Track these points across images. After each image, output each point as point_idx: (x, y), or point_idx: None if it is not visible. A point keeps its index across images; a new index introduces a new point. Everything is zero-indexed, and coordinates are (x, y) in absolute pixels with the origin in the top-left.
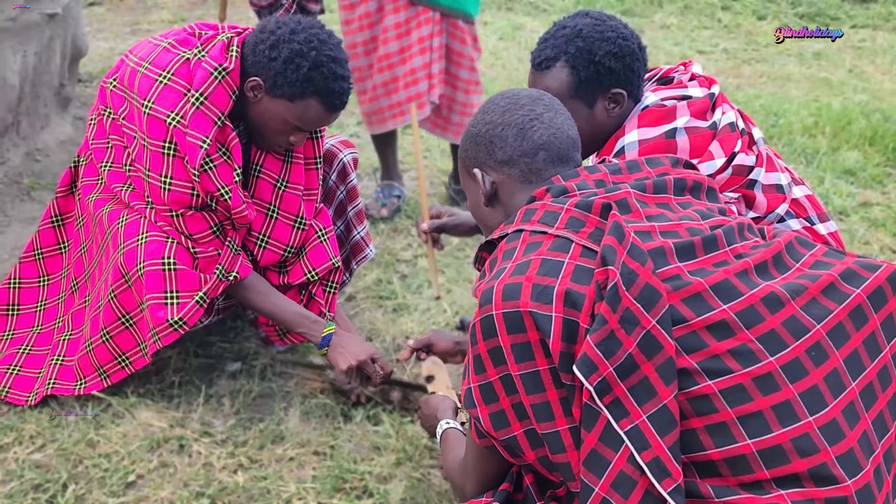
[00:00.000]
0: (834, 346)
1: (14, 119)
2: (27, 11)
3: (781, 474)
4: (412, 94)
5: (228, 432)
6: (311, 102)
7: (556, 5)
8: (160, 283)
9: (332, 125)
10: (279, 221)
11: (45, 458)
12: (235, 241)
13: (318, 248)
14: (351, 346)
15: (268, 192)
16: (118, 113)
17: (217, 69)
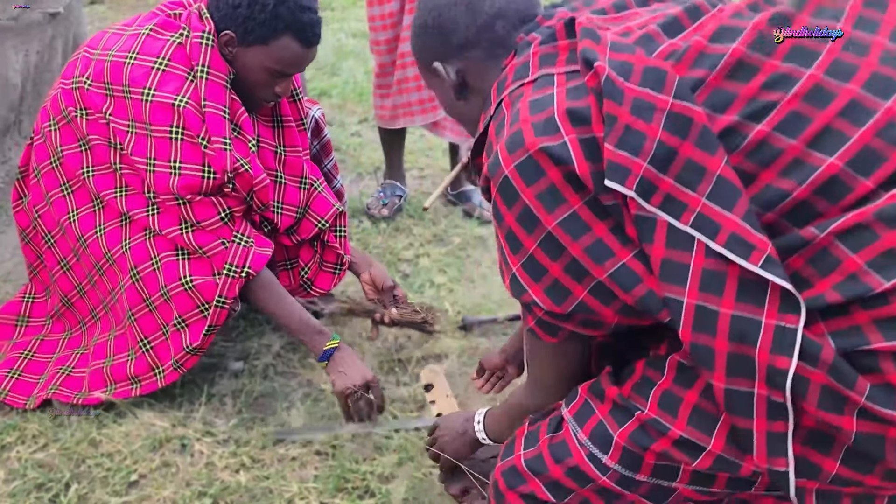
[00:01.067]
0: (868, 31)
1: (16, 118)
2: (29, 11)
3: (884, 176)
4: (424, 97)
5: (230, 432)
6: (285, 40)
7: None
8: (189, 302)
9: (333, 123)
10: (288, 186)
11: (48, 458)
12: (245, 232)
13: (319, 197)
14: (349, 368)
15: (271, 160)
16: (103, 110)
17: (203, 35)
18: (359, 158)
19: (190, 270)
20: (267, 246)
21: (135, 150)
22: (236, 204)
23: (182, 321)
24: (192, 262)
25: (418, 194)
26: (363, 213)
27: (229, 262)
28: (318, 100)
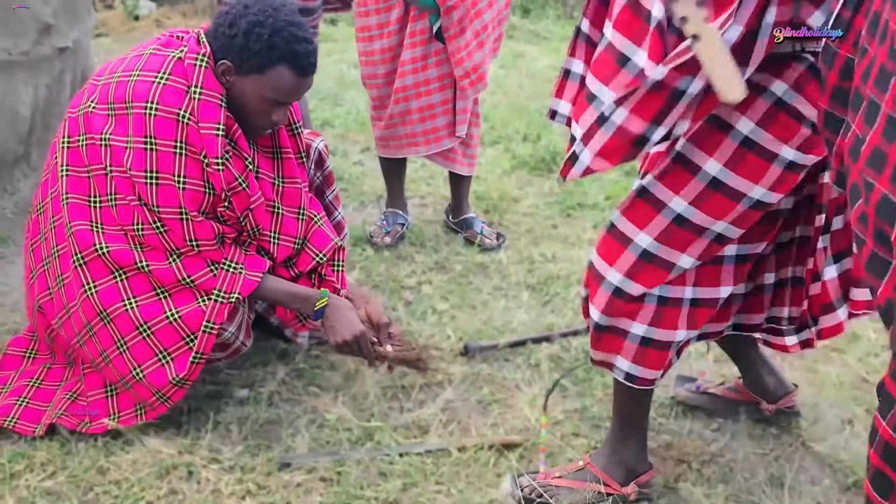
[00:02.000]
0: None
1: (25, 150)
2: (39, 46)
3: None
4: (428, 129)
5: (236, 459)
6: (280, 70)
7: (557, 33)
8: (175, 336)
9: (335, 153)
10: (285, 217)
11: (57, 486)
12: (234, 258)
13: (318, 231)
14: (339, 323)
15: (269, 191)
16: (103, 130)
17: (198, 57)
18: (361, 187)
19: (174, 304)
20: (258, 270)
21: (133, 164)
22: (230, 231)
23: (167, 354)
24: (174, 296)
25: (420, 222)
26: (366, 241)
27: (218, 288)
28: (320, 130)
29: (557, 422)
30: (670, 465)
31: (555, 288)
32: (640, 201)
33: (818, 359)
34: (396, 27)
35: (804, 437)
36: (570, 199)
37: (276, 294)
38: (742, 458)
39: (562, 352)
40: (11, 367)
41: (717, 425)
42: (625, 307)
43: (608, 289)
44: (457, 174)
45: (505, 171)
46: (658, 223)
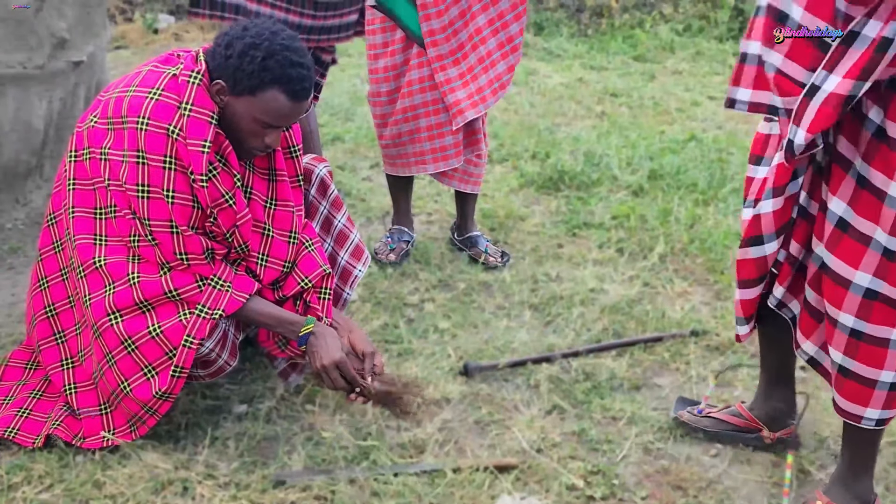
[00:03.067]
0: None
1: (38, 162)
2: (54, 60)
3: None
4: (436, 147)
5: (232, 475)
6: (272, 93)
7: (570, 51)
8: (158, 350)
9: (345, 168)
10: (275, 239)
11: (53, 499)
12: (223, 276)
13: (307, 256)
14: (321, 349)
15: (260, 212)
16: (102, 145)
17: (192, 74)
18: (369, 203)
19: (157, 318)
20: (245, 290)
21: (127, 178)
22: (219, 248)
23: (152, 369)
24: (157, 310)
25: (426, 240)
26: (371, 257)
27: (202, 304)
28: (331, 145)
29: (554, 444)
30: (667, 490)
31: (557, 308)
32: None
33: (820, 385)
34: (400, 46)
35: (804, 464)
36: (577, 218)
37: (261, 316)
38: (741, 486)
39: (562, 373)
40: (13, 377)
41: (715, 451)
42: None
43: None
44: (462, 192)
45: (512, 189)
46: None
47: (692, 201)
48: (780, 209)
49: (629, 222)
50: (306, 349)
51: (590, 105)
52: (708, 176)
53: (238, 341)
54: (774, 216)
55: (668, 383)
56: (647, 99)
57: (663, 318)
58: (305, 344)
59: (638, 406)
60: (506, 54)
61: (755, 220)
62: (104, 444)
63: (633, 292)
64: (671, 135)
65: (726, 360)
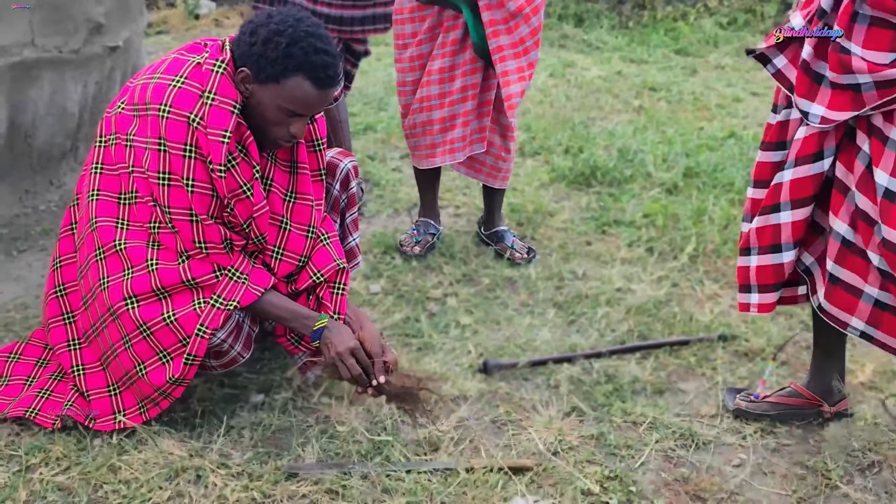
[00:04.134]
0: None
1: (72, 145)
2: (90, 44)
3: None
4: (447, 139)
5: (245, 465)
6: (297, 80)
7: (610, 43)
8: (172, 337)
9: (375, 157)
10: (292, 233)
11: (69, 481)
12: (240, 267)
13: (322, 250)
14: (335, 338)
15: (279, 205)
16: (128, 132)
17: (217, 63)
18: (397, 194)
19: (173, 306)
20: (261, 284)
21: (150, 165)
22: (238, 238)
23: (167, 354)
24: (173, 298)
25: (452, 232)
26: (395, 249)
27: (217, 294)
28: (363, 134)
29: (572, 447)
30: (685, 500)
31: (582, 307)
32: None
33: (852, 396)
34: (427, 36)
35: (833, 478)
36: (607, 215)
37: (276, 309)
38: (762, 498)
39: (583, 374)
40: (33, 354)
41: (738, 461)
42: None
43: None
44: (489, 187)
45: (543, 184)
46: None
47: (728, 201)
48: (802, 179)
49: (661, 221)
50: (320, 343)
51: (627, 99)
52: (746, 175)
53: (255, 333)
54: (793, 185)
55: (692, 389)
56: (687, 94)
57: (691, 321)
58: (319, 339)
59: (660, 411)
60: (527, 49)
61: (776, 188)
62: (116, 426)
63: (661, 293)
64: (710, 131)
65: (755, 367)
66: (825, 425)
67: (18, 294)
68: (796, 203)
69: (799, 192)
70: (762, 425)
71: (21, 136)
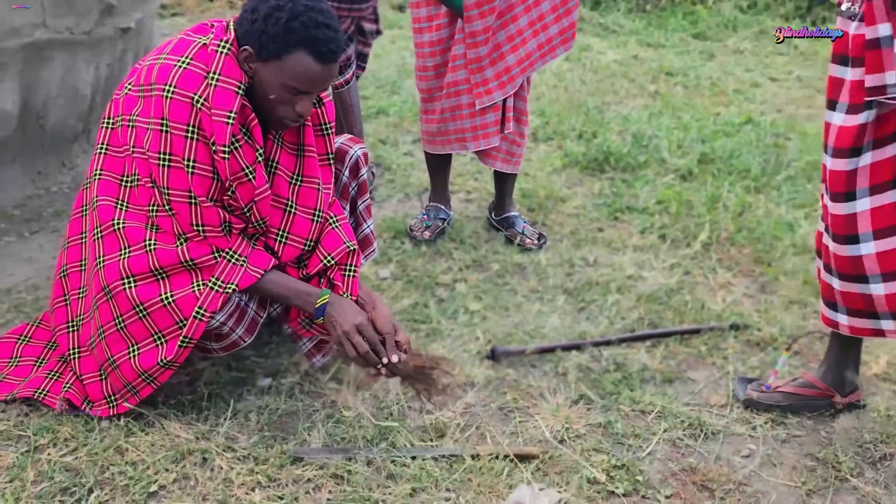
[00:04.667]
0: None
1: (84, 127)
2: (101, 26)
3: None
4: (477, 125)
5: (251, 449)
6: (298, 55)
7: (627, 26)
8: (169, 319)
9: (387, 142)
10: (297, 216)
11: (76, 462)
12: (238, 249)
13: (331, 233)
14: (340, 316)
15: (284, 188)
16: (132, 113)
17: (221, 43)
18: (408, 179)
19: (171, 287)
20: (261, 265)
21: (151, 145)
22: (237, 221)
23: (162, 336)
24: (171, 279)
25: (462, 217)
26: (405, 234)
27: (216, 277)
28: (375, 118)
29: (579, 435)
30: (692, 490)
31: (592, 294)
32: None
33: (865, 388)
34: (446, 20)
35: (843, 470)
36: (619, 201)
37: (277, 288)
38: (771, 490)
39: (592, 362)
40: (42, 337)
41: (747, 451)
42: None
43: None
44: (502, 173)
45: (555, 169)
46: None
47: (743, 188)
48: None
49: (674, 208)
50: (325, 321)
51: (643, 84)
52: (762, 162)
53: (261, 319)
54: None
55: (702, 378)
56: (704, 79)
57: (703, 309)
58: (323, 316)
59: (669, 400)
60: (536, 32)
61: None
62: (111, 411)
63: (673, 281)
64: (726, 117)
65: (767, 357)
66: (837, 417)
67: (30, 275)
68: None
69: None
70: (772, 416)
71: (33, 118)
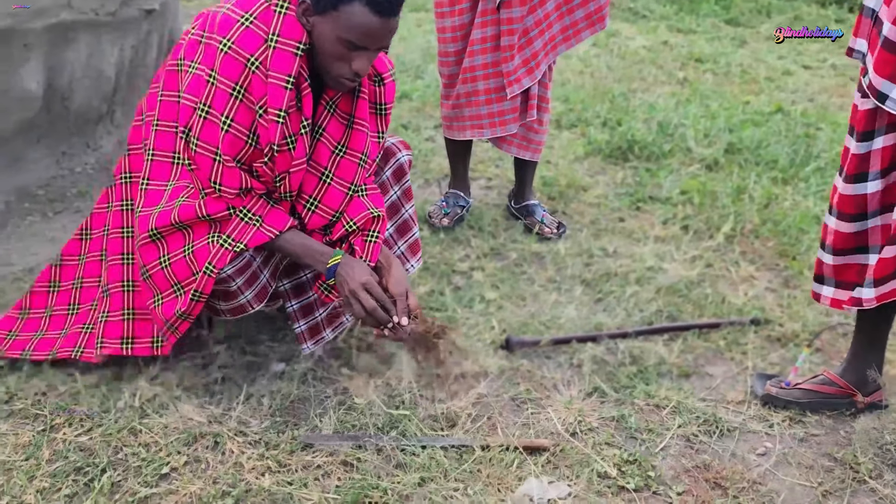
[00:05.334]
0: None
1: (108, 108)
2: (126, 7)
3: None
4: (493, 111)
5: (262, 434)
6: (355, 6)
7: (657, 11)
8: (187, 270)
9: (409, 126)
10: (332, 187)
11: (90, 442)
12: (253, 208)
13: (356, 201)
14: (348, 274)
15: (325, 157)
16: (194, 59)
17: (279, 4)
18: (428, 164)
19: (194, 237)
20: (277, 226)
21: (191, 89)
22: (259, 187)
23: (181, 287)
24: (194, 229)
25: (482, 205)
26: (424, 220)
27: (227, 234)
28: (398, 102)
29: (591, 428)
30: (705, 488)
31: (610, 285)
32: None
33: (888, 388)
34: (468, 5)
35: (862, 472)
36: (642, 191)
37: (289, 245)
38: (786, 489)
39: (607, 354)
40: (69, 277)
41: (763, 449)
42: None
43: None
44: (521, 159)
45: (578, 157)
46: None
47: (770, 179)
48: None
49: (698, 198)
50: (336, 280)
51: (671, 71)
52: (791, 152)
53: (271, 288)
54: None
55: (720, 373)
56: (735, 66)
57: (723, 303)
58: (334, 276)
59: (684, 395)
60: (562, 15)
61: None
62: (125, 352)
63: (694, 273)
64: (756, 106)
65: (787, 353)
66: (857, 416)
67: (52, 256)
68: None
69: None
70: (790, 414)
71: (58, 99)
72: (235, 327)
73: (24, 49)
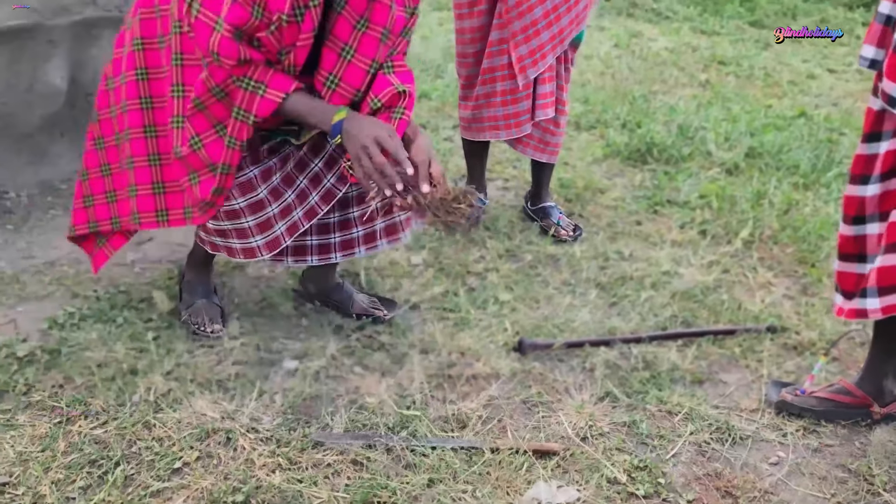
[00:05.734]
0: None
1: None
2: None
3: None
4: (510, 113)
5: (274, 431)
6: None
7: (680, 12)
8: (220, 152)
9: (427, 126)
10: (352, 64)
11: (105, 435)
12: (253, 75)
13: (382, 77)
14: (356, 129)
15: (346, 32)
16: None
17: None
18: (446, 164)
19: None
20: (282, 89)
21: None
22: (259, 57)
23: (215, 167)
24: (210, 109)
25: (498, 206)
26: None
27: (238, 105)
28: (417, 102)
29: (602, 433)
30: (715, 497)
31: (625, 289)
32: None
33: None
34: (486, 7)
35: (877, 484)
36: (660, 194)
37: (296, 106)
38: (798, 500)
39: (620, 359)
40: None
41: (776, 459)
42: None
43: None
44: (538, 161)
45: (596, 159)
46: None
47: (790, 184)
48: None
49: (716, 203)
50: (342, 138)
51: (694, 73)
52: (813, 157)
53: (284, 242)
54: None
55: (734, 381)
56: (758, 69)
57: (739, 309)
58: (340, 133)
59: (697, 402)
60: (570, 7)
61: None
62: (160, 224)
63: (710, 279)
64: (778, 110)
65: (803, 362)
66: (873, 427)
67: (73, 249)
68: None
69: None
70: (805, 423)
71: (82, 95)
72: (250, 324)
73: (48, 45)
